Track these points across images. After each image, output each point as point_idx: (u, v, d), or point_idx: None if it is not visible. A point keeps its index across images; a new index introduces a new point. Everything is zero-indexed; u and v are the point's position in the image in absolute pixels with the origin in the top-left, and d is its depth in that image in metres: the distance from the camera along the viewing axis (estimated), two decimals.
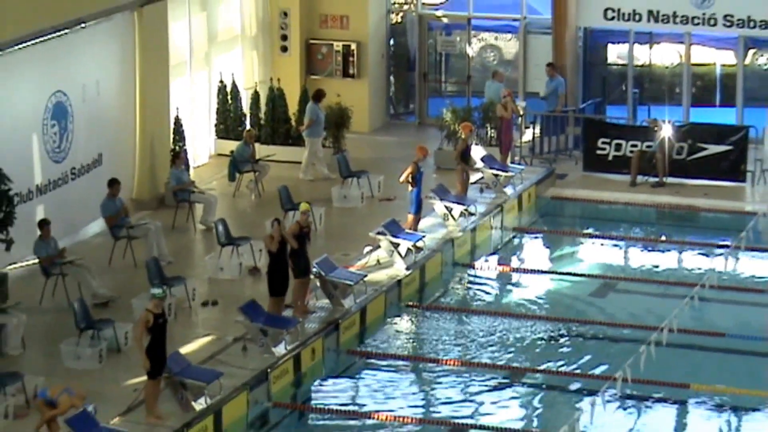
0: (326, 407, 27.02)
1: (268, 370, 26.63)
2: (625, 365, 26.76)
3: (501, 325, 30.54)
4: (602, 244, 35.24)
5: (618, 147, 37.46)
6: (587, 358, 28.77)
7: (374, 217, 33.69)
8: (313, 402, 27.35)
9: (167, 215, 33.59)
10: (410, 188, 33.23)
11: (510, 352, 29.17)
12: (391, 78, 41.77)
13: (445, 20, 41.96)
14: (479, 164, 36.25)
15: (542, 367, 28.43)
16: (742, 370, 28.05)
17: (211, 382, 25.43)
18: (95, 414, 23.58)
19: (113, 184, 31.96)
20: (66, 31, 31.33)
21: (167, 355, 24.86)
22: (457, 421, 26.34)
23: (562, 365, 28.57)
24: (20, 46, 29.99)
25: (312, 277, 29.18)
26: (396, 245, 31.93)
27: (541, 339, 29.82)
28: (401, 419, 26.26)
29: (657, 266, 33.93)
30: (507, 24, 41.32)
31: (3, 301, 27.81)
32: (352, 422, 26.45)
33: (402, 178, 33.37)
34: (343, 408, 27.03)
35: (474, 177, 35.92)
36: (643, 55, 40.75)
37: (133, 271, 30.44)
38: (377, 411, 26.71)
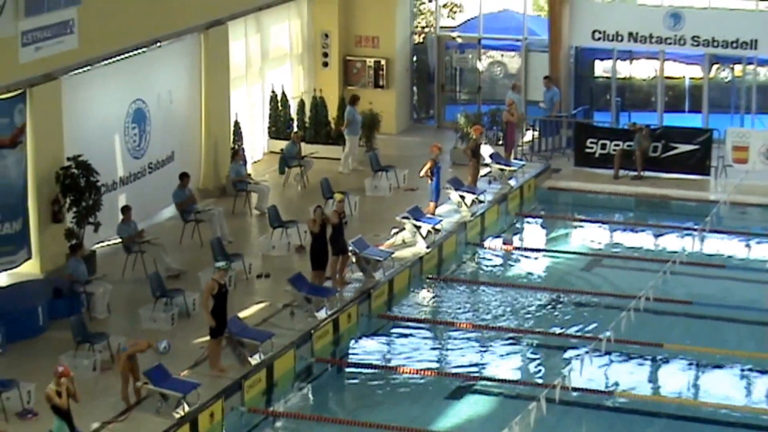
0: (360, 362, 27.52)
1: (312, 331, 26.98)
2: (609, 327, 27.20)
3: (506, 294, 30.71)
4: (590, 227, 35.38)
5: (603, 146, 37.44)
6: (577, 321, 28.92)
7: (400, 204, 33.76)
8: (349, 358, 27.74)
9: (228, 202, 33.70)
10: (429, 181, 33.69)
11: (513, 317, 29.35)
12: (414, 88, 41.64)
13: (459, 40, 41.73)
14: (488, 160, 36.26)
15: (540, 329, 28.66)
16: (706, 332, 28.29)
17: (264, 341, 25.85)
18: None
19: (183, 177, 32.21)
20: (144, 49, 31.66)
21: (228, 319, 25.44)
22: (468, 374, 26.63)
23: (557, 327, 28.80)
24: (107, 61, 30.34)
25: (348, 254, 29.53)
26: (418, 228, 32.08)
27: (540, 305, 29.96)
28: (422, 372, 26.66)
29: (635, 245, 34.15)
30: (511, 44, 41.15)
31: (91, 273, 28.14)
32: (381, 374, 26.76)
33: (422, 173, 33.70)
34: (374, 363, 27.48)
35: (483, 171, 35.97)
36: (624, 69, 40.62)
37: (200, 249, 30.64)
38: (402, 365, 27.08)
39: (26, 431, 21.50)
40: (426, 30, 41.88)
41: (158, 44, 32.22)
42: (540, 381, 25.89)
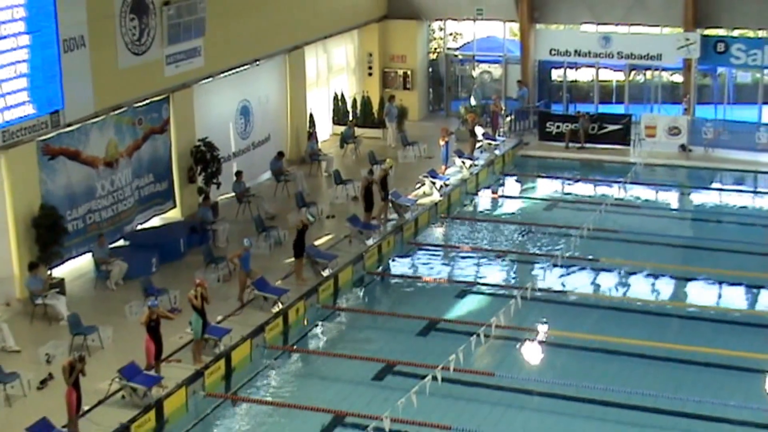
0: (397, 274, 27.51)
1: (363, 254, 26.97)
2: (563, 248, 27.20)
3: (493, 227, 30.65)
4: (549, 182, 35.01)
5: (558, 127, 37.04)
6: (541, 244, 28.85)
7: (421, 167, 33.48)
8: (390, 270, 27.61)
9: (306, 168, 33.42)
10: (441, 146, 33.58)
11: (498, 241, 29.29)
12: (430, 89, 41.35)
13: (460, 57, 41.59)
14: (480, 137, 35.98)
15: (517, 250, 28.53)
16: (628, 250, 28.10)
17: (332, 260, 25.92)
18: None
19: (280, 154, 32.31)
20: (248, 66, 31.59)
21: (306, 245, 25.46)
22: (468, 280, 26.64)
23: (529, 247, 28.81)
24: (223, 74, 30.38)
25: (389, 201, 29.20)
26: (434, 183, 31.99)
27: (516, 233, 29.88)
28: (437, 280, 26.72)
29: (580, 193, 34.02)
30: (495, 58, 40.78)
31: (215, 216, 28.19)
32: (411, 282, 26.79)
33: (441, 143, 33.65)
34: (406, 274, 27.54)
35: (478, 144, 35.68)
36: (571, 75, 40.31)
37: (288, 200, 30.44)
38: (425, 275, 27.20)
39: (174, 322, 21.50)
40: (438, 50, 41.55)
41: (257, 62, 32.09)
42: (516, 285, 25.83)
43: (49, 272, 23.52)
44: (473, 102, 39.15)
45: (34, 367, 20.27)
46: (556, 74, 40.23)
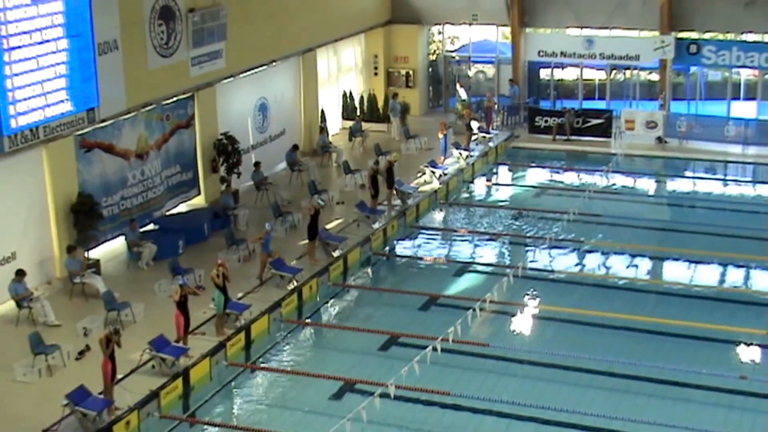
0: (400, 254, 27.43)
1: (370, 236, 26.86)
2: (552, 230, 27.14)
3: (487, 211, 30.56)
4: (538, 170, 34.85)
5: (546, 121, 36.97)
6: (531, 227, 28.72)
7: (422, 158, 33.36)
8: (394, 251, 27.51)
9: (318, 159, 33.37)
10: (440, 139, 33.48)
11: (492, 223, 29.21)
12: (430, 88, 41.31)
13: (457, 58, 41.43)
14: (476, 130, 35.90)
15: (508, 232, 28.47)
16: (610, 232, 27.95)
17: (341, 242, 25.90)
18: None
19: (295, 146, 32.21)
20: (265, 66, 31.48)
21: (318, 228, 25.40)
22: (466, 260, 26.57)
23: (518, 229, 28.71)
24: (243, 74, 30.28)
25: (394, 189, 29.13)
26: (434, 172, 31.88)
27: (507, 218, 29.74)
28: (437, 259, 26.69)
29: (566, 181, 33.78)
30: (489, 59, 40.71)
31: (236, 203, 28.07)
32: (413, 262, 26.79)
33: (439, 135, 33.56)
34: (408, 254, 27.44)
35: (473, 137, 35.52)
36: (558, 74, 40.19)
37: (302, 187, 30.33)
38: (425, 255, 27.13)
39: (199, 299, 21.57)
40: (437, 52, 41.44)
41: (274, 63, 31.97)
42: (509, 264, 25.82)
43: (86, 254, 23.55)
44: (459, 98, 38.96)
45: (73, 340, 20.31)
46: (544, 73, 40.12)
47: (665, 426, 17.58)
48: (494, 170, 35.13)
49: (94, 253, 24.16)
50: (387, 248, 27.55)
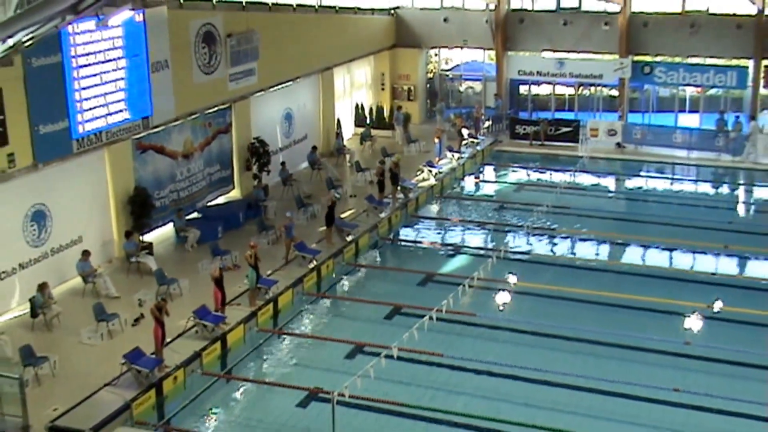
0: (402, 239, 27.15)
1: (377, 224, 26.72)
2: (529, 219, 26.99)
3: (476, 203, 30.34)
4: (518, 170, 34.57)
5: (524, 128, 36.73)
6: (512, 216, 28.57)
7: (421, 159, 33.17)
8: (398, 237, 27.21)
9: (334, 159, 33.24)
10: (436, 143, 33.45)
11: (479, 214, 28.99)
12: (428, 100, 41.11)
13: (450, 76, 41.30)
14: (466, 136, 35.69)
15: (493, 221, 28.30)
16: (579, 222, 27.72)
17: (354, 229, 25.79)
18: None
19: (314, 148, 32.04)
20: (290, 82, 31.32)
21: (335, 218, 25.32)
22: (455, 245, 26.44)
23: (502, 219, 28.47)
24: (272, 89, 30.11)
25: (398, 185, 29.00)
26: (430, 171, 31.72)
27: (492, 209, 29.63)
28: (433, 243, 26.51)
29: (541, 179, 33.52)
30: (477, 77, 40.51)
31: (266, 195, 27.83)
32: (413, 246, 26.53)
33: (435, 140, 33.64)
34: (409, 239, 27.15)
35: (464, 142, 35.35)
36: (534, 90, 40.01)
37: (320, 183, 30.11)
38: (423, 239, 26.91)
39: (235, 275, 21.64)
40: (434, 70, 41.27)
41: (298, 79, 31.78)
42: (493, 248, 25.65)
43: (140, 237, 23.48)
44: (438, 116, 38.94)
45: (130, 309, 20.28)
46: (523, 89, 39.91)
47: (622, 383, 17.56)
48: (481, 169, 34.89)
49: (147, 237, 24.09)
50: (391, 234, 27.37)
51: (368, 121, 37.59)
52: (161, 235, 25.12)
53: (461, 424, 16.36)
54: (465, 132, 36.05)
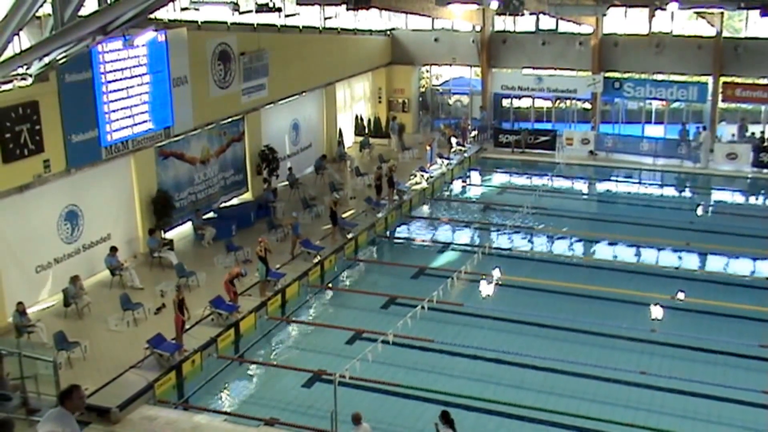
0: (398, 237, 27.07)
1: (374, 223, 26.68)
2: (510, 219, 26.96)
3: (463, 205, 30.35)
4: (501, 175, 34.57)
5: (507, 137, 36.75)
6: (496, 217, 28.53)
7: (414, 165, 33.19)
8: (393, 234, 27.20)
9: (336, 165, 33.19)
10: (427, 150, 33.45)
11: (467, 214, 28.99)
12: (420, 112, 41.10)
13: (440, 90, 41.31)
14: (454, 144, 35.80)
15: (479, 220, 28.21)
16: (554, 222, 27.69)
17: (354, 227, 25.75)
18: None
19: (324, 156, 32.14)
20: (297, 96, 31.35)
21: (338, 217, 25.28)
22: (446, 242, 26.34)
23: (487, 219, 28.35)
24: (281, 102, 30.09)
25: (394, 187, 28.98)
26: (422, 175, 31.66)
27: (478, 209, 29.61)
28: (427, 240, 26.36)
29: (522, 183, 33.53)
30: (465, 91, 40.41)
31: (275, 197, 27.80)
32: (408, 243, 26.57)
33: (427, 147, 33.62)
34: (405, 237, 27.12)
35: (452, 149, 35.42)
36: (516, 103, 39.96)
37: (324, 187, 30.06)
38: (418, 237, 26.81)
39: (247, 268, 21.57)
40: (425, 85, 41.25)
41: (303, 93, 31.79)
42: (478, 244, 25.64)
43: (162, 235, 23.49)
44: (424, 128, 39.02)
45: (152, 299, 20.28)
46: (505, 102, 39.90)
47: (594, 366, 17.59)
48: (468, 174, 34.88)
49: (168, 235, 24.09)
50: (388, 232, 27.37)
51: (367, 131, 37.61)
52: (181, 232, 25.09)
53: (450, 402, 16.35)
54: (454, 141, 36.07)
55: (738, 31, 36.99)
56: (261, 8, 24.88)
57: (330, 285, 22.91)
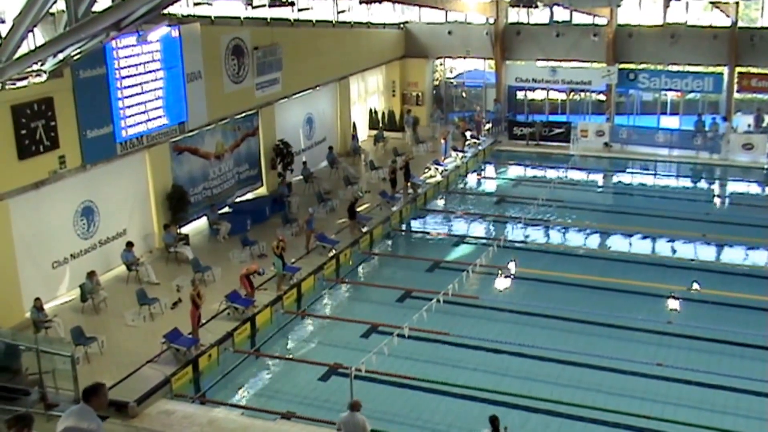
0: (413, 230, 27.10)
1: (389, 217, 26.67)
2: (525, 212, 26.86)
3: (477, 197, 30.37)
4: (515, 167, 34.47)
5: (522, 130, 36.62)
6: (510, 209, 28.44)
7: (428, 158, 33.11)
8: (408, 228, 27.18)
9: (350, 159, 33.24)
10: (442, 143, 33.34)
11: (481, 208, 28.94)
12: (434, 105, 41.07)
13: (454, 83, 41.18)
14: (469, 137, 35.59)
15: (494, 213, 28.17)
16: (570, 214, 27.66)
17: (369, 221, 25.72)
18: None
19: (330, 148, 31.96)
20: (311, 90, 31.34)
21: (355, 211, 25.29)
22: (460, 235, 26.32)
23: (501, 212, 28.32)
24: (295, 96, 30.09)
25: (410, 181, 28.97)
26: (437, 168, 31.64)
27: (493, 202, 29.57)
28: (440, 233, 26.34)
29: (536, 175, 33.44)
30: (479, 83, 40.33)
31: (290, 191, 27.82)
32: (423, 236, 26.48)
33: (441, 140, 33.57)
34: (420, 230, 27.14)
35: (467, 142, 35.20)
36: (530, 95, 39.71)
37: (338, 181, 30.11)
38: (432, 230, 26.86)
39: (263, 263, 21.63)
40: (439, 78, 41.13)
41: (317, 87, 31.79)
42: (493, 237, 25.52)
43: (178, 230, 23.53)
44: (434, 123, 38.90)
45: (169, 294, 20.34)
46: (520, 94, 39.73)
47: (610, 358, 17.49)
48: (483, 167, 34.77)
49: (184, 230, 24.12)
50: (403, 225, 27.34)
51: (381, 124, 37.54)
52: (196, 227, 25.15)
53: (466, 395, 16.35)
54: (468, 133, 35.97)
55: (754, 20, 36.69)
56: (274, 2, 24.90)
57: (345, 279, 22.91)
